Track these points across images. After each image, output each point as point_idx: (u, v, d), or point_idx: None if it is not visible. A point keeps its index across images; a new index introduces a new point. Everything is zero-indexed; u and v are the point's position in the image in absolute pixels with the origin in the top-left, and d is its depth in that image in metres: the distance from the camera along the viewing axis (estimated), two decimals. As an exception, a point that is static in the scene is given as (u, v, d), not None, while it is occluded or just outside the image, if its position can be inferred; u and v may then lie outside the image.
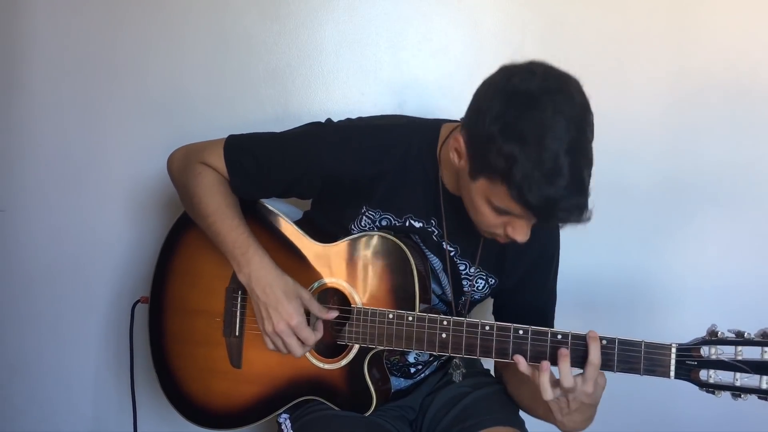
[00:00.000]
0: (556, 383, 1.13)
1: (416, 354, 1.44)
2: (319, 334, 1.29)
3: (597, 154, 1.85)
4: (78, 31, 1.84)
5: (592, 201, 1.09)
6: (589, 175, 1.08)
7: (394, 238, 1.29)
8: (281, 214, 1.41)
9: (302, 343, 1.27)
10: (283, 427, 1.39)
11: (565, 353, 1.13)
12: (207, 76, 1.85)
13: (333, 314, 1.31)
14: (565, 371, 1.12)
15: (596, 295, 1.85)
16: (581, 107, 1.06)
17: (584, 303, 1.79)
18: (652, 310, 1.84)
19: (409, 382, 1.47)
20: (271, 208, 1.42)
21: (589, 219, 1.08)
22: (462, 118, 1.17)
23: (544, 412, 1.24)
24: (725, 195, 1.84)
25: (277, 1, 1.82)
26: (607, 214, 1.84)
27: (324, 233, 1.36)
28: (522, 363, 1.16)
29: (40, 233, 1.90)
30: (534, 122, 1.02)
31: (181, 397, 1.45)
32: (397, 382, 1.45)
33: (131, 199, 1.89)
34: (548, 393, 1.13)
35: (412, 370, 1.46)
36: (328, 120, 1.38)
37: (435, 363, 1.50)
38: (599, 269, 1.87)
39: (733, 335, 1.09)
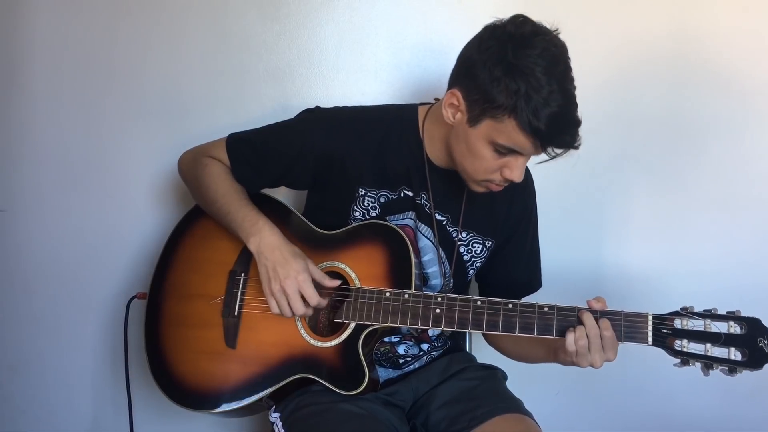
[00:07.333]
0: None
1: (406, 347, 1.50)
2: (323, 301, 1.34)
3: (598, 154, 1.86)
4: (78, 31, 1.84)
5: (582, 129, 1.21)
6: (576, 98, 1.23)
7: (393, 225, 1.39)
8: (287, 204, 1.50)
9: (305, 303, 1.32)
10: (275, 427, 1.40)
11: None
12: (207, 76, 1.85)
13: (335, 282, 1.36)
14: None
15: (594, 293, 1.84)
16: (562, 44, 1.24)
17: (582, 300, 1.80)
18: (650, 309, 1.84)
19: (398, 372, 1.51)
20: (277, 198, 1.52)
21: (579, 144, 1.22)
22: (450, 80, 1.30)
23: (543, 357, 1.38)
24: (725, 194, 1.84)
25: (277, 1, 1.83)
26: (607, 214, 1.88)
27: (325, 224, 1.44)
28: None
29: (40, 233, 1.90)
30: (532, 59, 1.18)
31: (170, 380, 1.45)
32: (386, 373, 1.49)
33: (131, 199, 1.89)
34: (572, 346, 1.23)
35: (401, 361, 1.50)
36: (317, 107, 1.48)
37: (425, 358, 1.53)
38: (598, 268, 1.87)
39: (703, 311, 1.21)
